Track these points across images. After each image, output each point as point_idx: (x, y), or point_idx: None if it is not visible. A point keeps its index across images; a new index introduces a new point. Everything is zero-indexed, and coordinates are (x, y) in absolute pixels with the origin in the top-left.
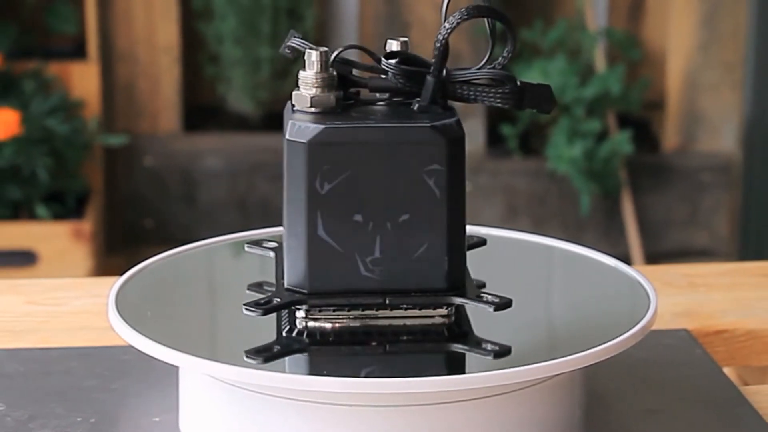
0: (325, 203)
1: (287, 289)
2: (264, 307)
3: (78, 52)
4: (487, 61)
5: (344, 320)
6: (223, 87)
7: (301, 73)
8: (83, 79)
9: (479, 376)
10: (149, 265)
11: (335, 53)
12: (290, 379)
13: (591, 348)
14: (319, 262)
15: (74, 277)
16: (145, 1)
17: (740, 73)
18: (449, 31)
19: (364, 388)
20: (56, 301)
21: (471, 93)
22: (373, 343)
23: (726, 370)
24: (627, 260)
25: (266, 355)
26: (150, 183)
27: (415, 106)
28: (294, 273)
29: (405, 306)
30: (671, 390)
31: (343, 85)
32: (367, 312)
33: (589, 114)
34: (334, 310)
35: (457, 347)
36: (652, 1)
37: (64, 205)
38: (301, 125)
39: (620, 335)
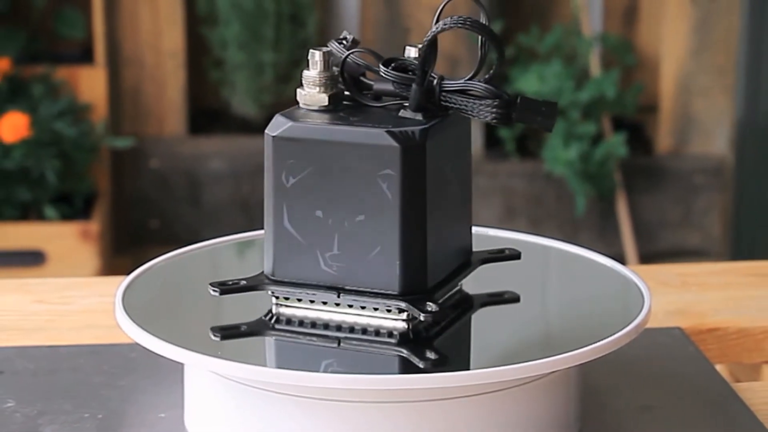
0: (289, 196)
1: (265, 276)
2: (222, 287)
3: (85, 56)
4: (476, 72)
5: (313, 310)
6: (227, 91)
7: (305, 72)
8: (91, 83)
9: (477, 373)
10: (155, 264)
11: (345, 55)
12: (290, 376)
13: (586, 346)
14: (283, 252)
15: (82, 277)
16: (151, 6)
17: (732, 77)
18: (429, 39)
19: (362, 384)
20: (64, 300)
21: (459, 103)
22: (329, 336)
23: (718, 367)
24: (621, 260)
25: (225, 333)
26: (156, 184)
27: (401, 112)
28: (267, 261)
29: (358, 304)
30: (665, 387)
31: (356, 86)
32: (329, 306)
33: (585, 117)
34: (299, 300)
35: (399, 351)
36: (646, 7)
37: (72, 206)
38: (279, 120)
39: (615, 333)
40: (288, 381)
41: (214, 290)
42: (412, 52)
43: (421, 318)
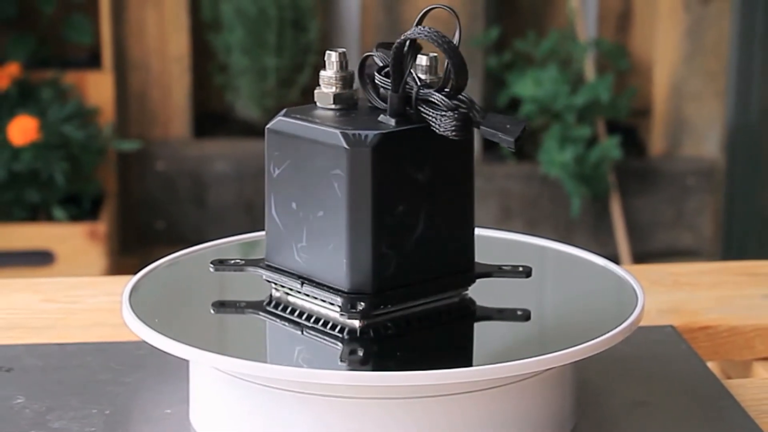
0: (275, 186)
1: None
2: (216, 265)
3: (93, 61)
4: (443, 84)
5: (298, 298)
6: (231, 95)
7: (321, 72)
8: (98, 88)
9: (476, 370)
10: (161, 264)
11: (362, 58)
12: (292, 372)
13: (582, 343)
14: (271, 238)
15: (90, 276)
16: (157, 13)
17: (723, 82)
18: (397, 47)
19: (363, 380)
20: (72, 298)
21: (425, 112)
22: (298, 325)
23: (710, 365)
24: (615, 260)
25: (220, 308)
26: (162, 186)
27: (380, 117)
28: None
29: (317, 297)
30: (658, 383)
31: (375, 89)
32: (302, 295)
33: (580, 121)
34: (281, 285)
35: (331, 344)
36: (639, 14)
37: (80, 207)
38: (279, 113)
39: (609, 331)
40: (288, 377)
41: (211, 266)
42: (423, 60)
43: (338, 315)
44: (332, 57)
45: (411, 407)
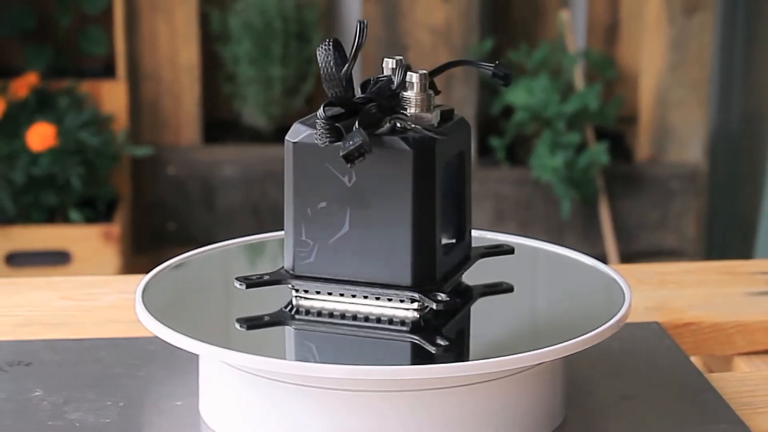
0: None
1: None
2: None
3: (108, 71)
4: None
5: None
6: (238, 103)
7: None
8: (112, 96)
9: (472, 365)
10: (172, 264)
11: (391, 67)
12: (294, 367)
13: (571, 339)
14: None
15: (104, 275)
16: (169, 25)
17: (706, 90)
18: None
19: (363, 375)
20: (88, 296)
21: None
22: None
23: (693, 359)
24: (604, 260)
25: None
26: (173, 190)
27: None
28: None
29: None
30: (643, 377)
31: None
32: None
33: (570, 128)
34: None
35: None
36: (626, 26)
37: (95, 209)
38: None
39: (598, 327)
40: (289, 371)
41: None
42: (413, 78)
43: (236, 285)
44: (389, 64)
45: (411, 400)
